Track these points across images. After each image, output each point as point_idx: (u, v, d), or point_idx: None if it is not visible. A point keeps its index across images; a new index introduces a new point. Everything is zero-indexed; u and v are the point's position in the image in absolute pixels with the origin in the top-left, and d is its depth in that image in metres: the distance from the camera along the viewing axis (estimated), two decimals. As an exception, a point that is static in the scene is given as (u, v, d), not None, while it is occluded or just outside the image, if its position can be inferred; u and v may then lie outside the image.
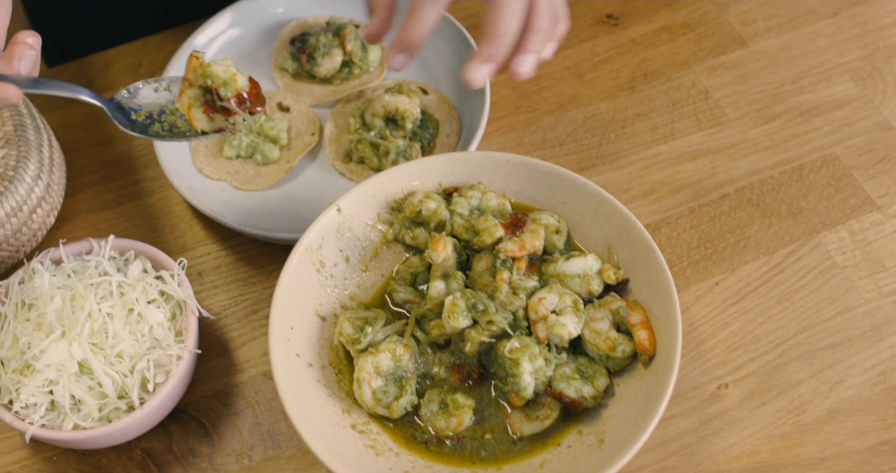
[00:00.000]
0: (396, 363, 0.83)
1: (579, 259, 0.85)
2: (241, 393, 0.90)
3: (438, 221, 0.89)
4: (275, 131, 1.00)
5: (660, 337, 0.81)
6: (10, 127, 0.98)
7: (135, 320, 0.85)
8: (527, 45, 0.84)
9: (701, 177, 0.99)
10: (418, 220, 0.90)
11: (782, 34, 1.10)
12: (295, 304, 0.85)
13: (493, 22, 0.82)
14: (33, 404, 0.82)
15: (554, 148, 1.02)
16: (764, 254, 0.94)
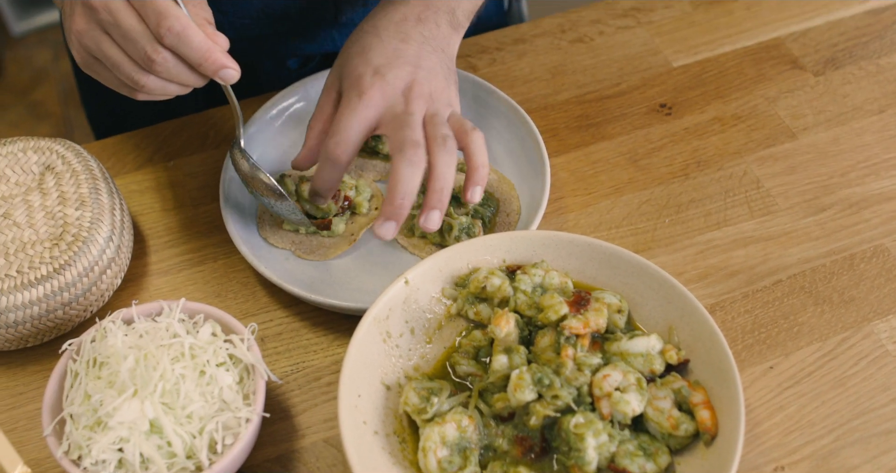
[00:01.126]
0: (461, 433, 0.84)
1: (642, 338, 0.88)
2: (302, 459, 0.91)
3: (502, 297, 0.92)
4: (359, 199, 1.04)
5: (721, 417, 0.83)
6: (85, 189, 1.01)
7: (205, 381, 0.86)
8: (429, 202, 0.92)
9: (754, 263, 1.02)
10: (482, 296, 0.92)
11: (830, 129, 1.14)
12: (362, 372, 0.87)
13: (392, 184, 0.90)
14: (102, 461, 0.83)
15: (610, 230, 1.05)
16: (817, 340, 0.96)
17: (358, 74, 0.95)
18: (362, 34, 1.00)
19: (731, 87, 1.19)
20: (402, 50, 0.97)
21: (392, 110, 0.94)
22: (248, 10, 1.14)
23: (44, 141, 1.05)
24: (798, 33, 1.26)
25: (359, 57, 0.97)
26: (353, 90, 0.95)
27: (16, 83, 2.99)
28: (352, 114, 0.93)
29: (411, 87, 0.95)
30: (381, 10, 1.01)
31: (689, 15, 1.29)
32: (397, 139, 0.91)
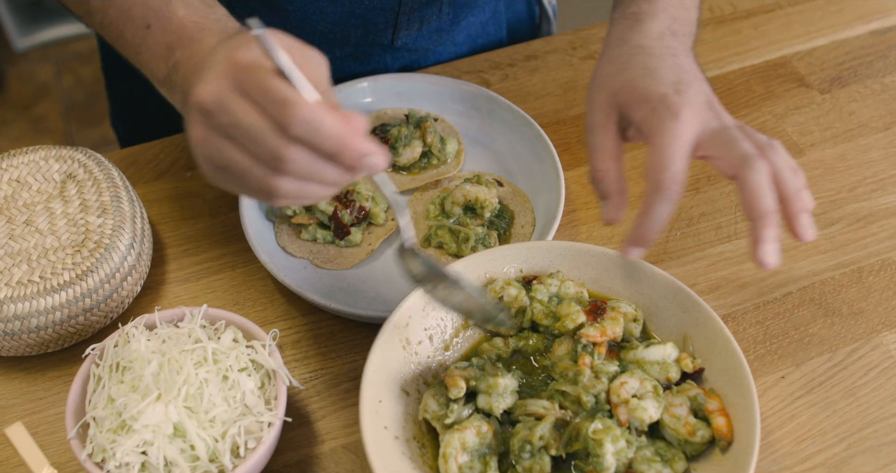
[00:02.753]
0: (481, 439, 0.86)
1: (658, 347, 0.89)
2: (322, 464, 0.92)
3: (519, 306, 0.93)
4: (376, 210, 1.06)
5: (736, 424, 0.85)
6: (107, 197, 1.02)
7: (228, 386, 0.88)
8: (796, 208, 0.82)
9: (764, 275, 1.04)
10: None
11: (837, 145, 1.16)
12: (383, 378, 0.88)
13: (756, 200, 0.81)
14: (126, 464, 0.84)
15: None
16: (827, 351, 0.98)
17: (660, 94, 0.85)
18: (630, 57, 0.91)
19: (739, 103, 1.22)
20: (680, 65, 0.89)
21: (709, 127, 0.85)
22: (311, 35, 1.15)
23: (65, 150, 1.06)
24: (804, 52, 1.28)
25: (643, 79, 0.88)
26: (662, 114, 0.84)
27: (18, 98, 3.01)
28: (675, 140, 0.83)
29: (711, 101, 0.87)
30: (633, 31, 0.93)
31: (697, 33, 1.31)
32: (737, 156, 0.82)
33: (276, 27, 1.12)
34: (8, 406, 0.96)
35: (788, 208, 0.82)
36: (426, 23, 1.18)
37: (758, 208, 0.80)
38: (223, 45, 0.75)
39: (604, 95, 0.90)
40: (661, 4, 0.94)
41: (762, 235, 0.80)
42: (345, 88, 1.17)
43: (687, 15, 0.96)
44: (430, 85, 1.19)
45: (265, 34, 0.70)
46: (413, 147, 1.12)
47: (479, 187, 1.05)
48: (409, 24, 1.16)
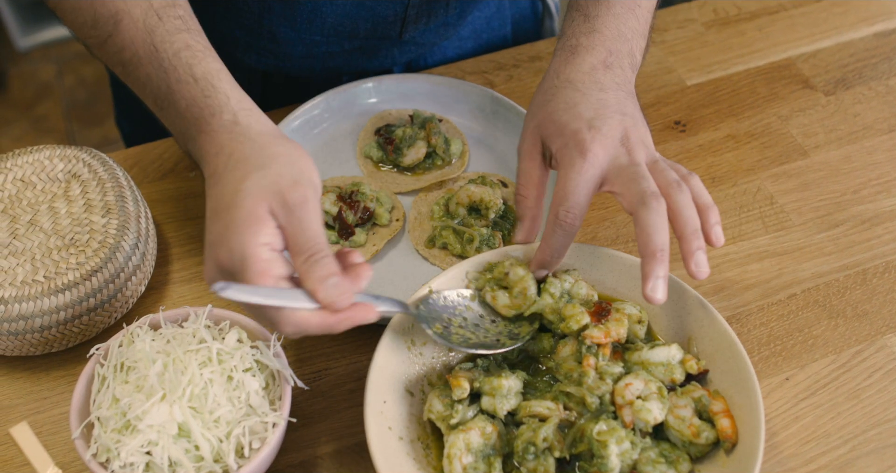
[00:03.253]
0: (485, 440, 0.86)
1: (663, 348, 0.89)
2: (326, 465, 0.92)
3: (521, 289, 0.92)
4: (380, 210, 1.06)
5: (741, 426, 0.85)
6: (111, 197, 1.02)
7: (233, 386, 0.87)
8: (690, 247, 0.86)
9: (769, 277, 1.04)
10: (503, 283, 0.94)
11: (842, 147, 1.16)
12: (387, 379, 0.88)
13: (646, 239, 0.84)
14: (131, 464, 0.84)
15: (627, 244, 1.07)
16: (832, 353, 0.98)
17: (572, 129, 0.89)
18: (556, 90, 0.94)
19: (744, 105, 1.22)
20: (604, 100, 0.92)
21: (616, 164, 0.88)
22: (321, 27, 1.16)
23: (70, 149, 1.06)
24: (808, 54, 1.28)
25: (564, 113, 0.91)
26: (572, 149, 0.88)
27: (20, 98, 3.01)
28: (578, 176, 0.87)
29: (627, 136, 0.89)
30: (565, 63, 0.96)
31: (702, 35, 1.31)
32: (635, 193, 0.85)
33: (287, 21, 1.11)
34: (12, 406, 0.96)
35: (683, 246, 0.86)
36: (434, 16, 1.18)
37: (648, 246, 0.84)
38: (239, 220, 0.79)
39: (532, 124, 0.95)
40: (598, 38, 0.97)
41: (650, 271, 0.83)
42: (350, 89, 1.17)
43: (627, 47, 0.98)
44: (434, 86, 1.19)
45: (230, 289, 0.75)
46: (417, 148, 1.12)
47: (484, 188, 1.05)
48: (417, 18, 1.16)
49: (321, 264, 0.77)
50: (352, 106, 1.18)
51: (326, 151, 1.15)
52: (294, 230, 0.78)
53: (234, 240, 0.78)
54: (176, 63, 0.86)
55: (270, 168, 0.79)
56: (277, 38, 1.18)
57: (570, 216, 0.87)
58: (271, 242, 0.78)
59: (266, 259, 0.77)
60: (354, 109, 1.18)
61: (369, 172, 1.13)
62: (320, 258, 0.78)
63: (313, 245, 0.78)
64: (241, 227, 0.78)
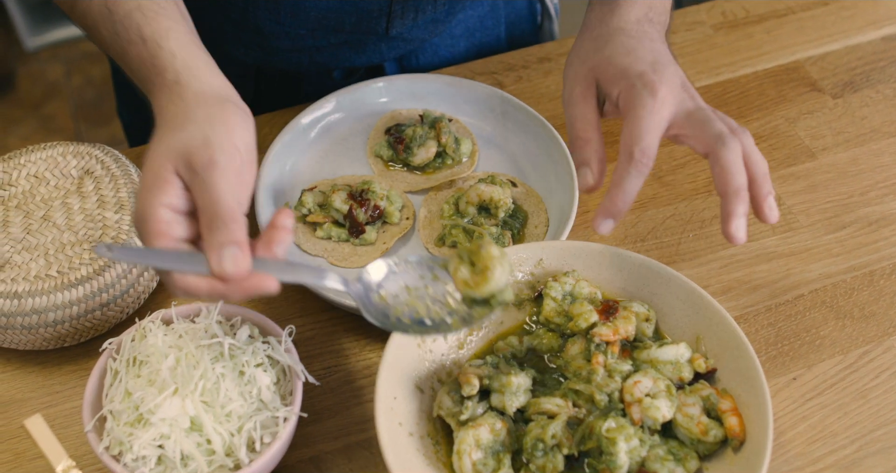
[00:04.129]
0: (495, 436, 0.86)
1: (672, 347, 0.90)
2: (336, 460, 0.93)
3: (485, 266, 0.85)
4: (391, 209, 1.06)
5: (748, 425, 0.85)
6: (124, 193, 1.03)
7: (245, 381, 0.88)
8: (763, 189, 0.86)
9: (776, 278, 1.04)
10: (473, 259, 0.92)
11: (849, 149, 1.17)
12: (398, 375, 0.89)
13: (729, 177, 0.83)
14: (143, 457, 0.85)
15: (636, 243, 1.08)
16: (839, 353, 0.98)
17: (637, 71, 0.88)
18: (610, 36, 0.94)
19: (752, 107, 1.22)
20: (657, 49, 0.92)
21: (683, 106, 0.88)
22: (305, 21, 1.17)
23: (83, 146, 1.07)
24: (816, 57, 1.29)
25: (623, 57, 0.90)
26: (640, 89, 0.86)
27: (28, 97, 3.02)
28: (651, 115, 0.85)
29: (685, 83, 0.90)
30: (613, 14, 0.96)
31: (710, 37, 1.32)
32: (711, 134, 0.85)
33: (270, 14, 1.11)
34: (25, 400, 0.97)
35: (756, 190, 0.85)
36: (421, 12, 1.19)
37: (731, 184, 0.83)
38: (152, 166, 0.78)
39: (583, 69, 0.93)
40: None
41: (734, 210, 0.83)
42: (360, 88, 1.18)
43: (663, 5, 0.99)
44: (444, 86, 1.19)
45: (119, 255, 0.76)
46: (428, 147, 1.12)
47: (494, 187, 1.06)
48: (403, 13, 1.17)
49: (221, 229, 0.75)
50: (362, 105, 1.18)
51: (337, 150, 1.16)
52: (198, 193, 0.76)
53: (139, 201, 0.77)
54: (127, 24, 0.86)
55: (185, 130, 0.78)
56: (263, 32, 1.18)
57: (646, 156, 0.85)
58: (173, 203, 0.76)
59: (165, 220, 0.76)
60: (365, 109, 1.18)
61: (379, 171, 1.14)
62: (221, 224, 0.75)
63: (217, 209, 0.75)
64: (145, 188, 0.76)
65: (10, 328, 0.96)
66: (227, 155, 0.77)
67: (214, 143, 0.77)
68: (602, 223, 0.86)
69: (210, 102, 0.81)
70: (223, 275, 0.74)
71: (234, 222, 0.75)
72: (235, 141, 0.78)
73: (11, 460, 0.93)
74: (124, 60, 0.88)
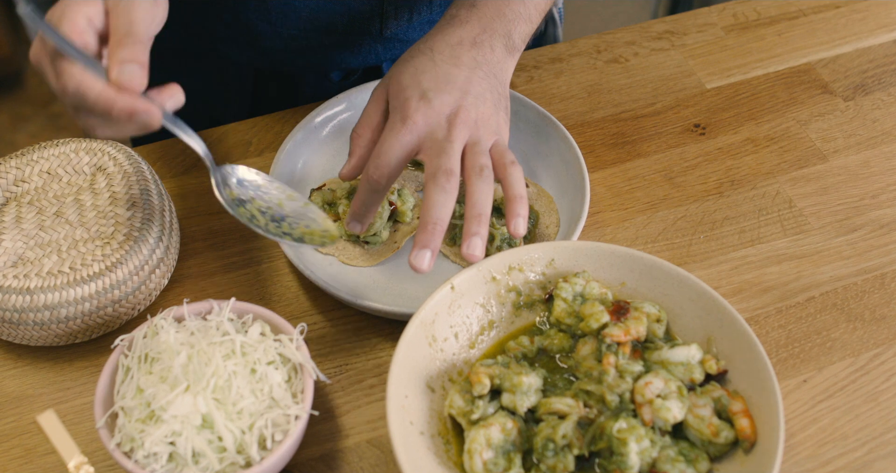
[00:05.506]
0: (506, 436, 0.86)
1: (683, 348, 0.90)
2: (346, 458, 0.93)
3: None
4: (403, 208, 1.06)
5: (759, 426, 0.85)
6: (136, 190, 1.03)
7: (256, 379, 0.88)
8: (468, 230, 0.90)
9: (787, 280, 1.04)
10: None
11: (861, 152, 1.17)
12: (409, 374, 0.89)
13: (424, 211, 0.90)
14: (154, 454, 0.85)
15: (646, 245, 1.08)
16: (849, 356, 0.98)
17: (405, 96, 0.95)
18: (416, 53, 0.99)
19: (763, 109, 1.22)
20: (452, 75, 0.96)
21: (433, 136, 0.93)
22: (296, 21, 1.17)
23: (95, 143, 1.08)
24: (828, 59, 1.29)
25: (409, 77, 0.97)
26: (397, 113, 0.95)
27: (36, 95, 3.02)
28: (394, 138, 0.93)
29: (456, 113, 0.94)
30: (439, 32, 1.00)
31: (721, 39, 1.32)
32: (432, 167, 0.91)
33: (261, 14, 1.11)
34: (36, 395, 0.97)
35: (465, 226, 0.90)
36: (416, 13, 1.19)
37: (423, 217, 0.90)
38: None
39: (386, 77, 1.00)
40: (476, 14, 1.00)
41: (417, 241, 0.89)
42: (371, 87, 1.18)
43: (504, 28, 1.01)
44: (456, 85, 1.19)
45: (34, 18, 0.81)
46: (439, 147, 1.12)
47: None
48: (396, 14, 1.17)
49: (129, 47, 0.80)
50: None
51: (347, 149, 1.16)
52: (116, 14, 0.81)
53: (62, 5, 0.82)
54: None
55: None
56: (254, 33, 1.18)
57: (377, 173, 0.93)
58: (92, 16, 0.82)
59: (81, 26, 0.81)
60: (377, 108, 1.19)
61: (391, 170, 1.14)
62: (131, 42, 0.80)
63: (130, 29, 0.81)
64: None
65: (22, 323, 0.96)
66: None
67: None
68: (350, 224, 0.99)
69: None
70: (120, 84, 0.79)
71: (141, 44, 0.81)
72: None
73: (23, 455, 0.93)
74: None
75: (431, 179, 0.90)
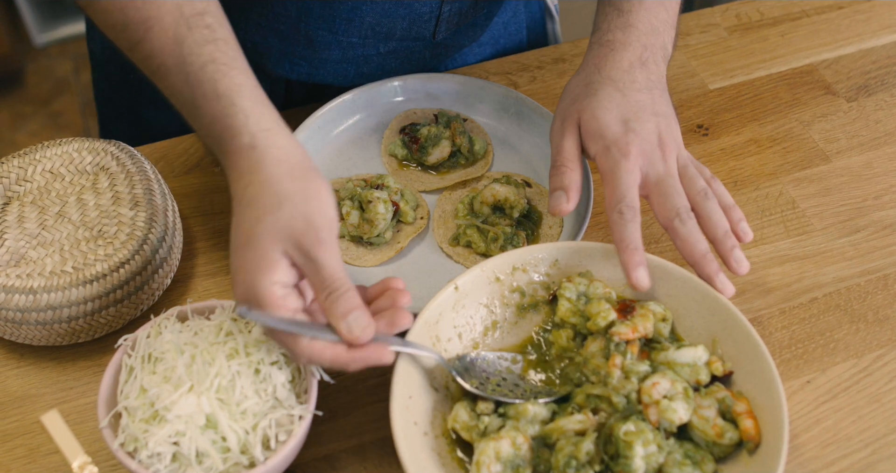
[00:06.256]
0: (516, 450, 0.86)
1: (690, 349, 0.90)
2: (350, 459, 0.93)
3: (374, 215, 1.04)
4: (405, 208, 1.06)
5: (763, 427, 0.85)
6: (139, 190, 1.03)
7: (260, 379, 0.88)
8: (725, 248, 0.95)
9: (790, 281, 1.05)
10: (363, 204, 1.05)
11: (864, 153, 1.17)
12: (413, 374, 0.89)
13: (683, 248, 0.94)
14: (158, 454, 0.85)
15: (650, 245, 1.08)
16: (853, 357, 0.98)
17: (614, 133, 0.96)
18: (599, 86, 0.99)
19: (766, 110, 1.22)
20: (641, 101, 0.98)
21: (654, 169, 0.95)
22: (359, 27, 1.15)
23: (98, 142, 1.07)
24: (830, 60, 1.29)
25: (607, 112, 0.97)
26: (615, 152, 0.95)
27: (37, 93, 3.02)
28: (627, 174, 0.94)
29: (661, 138, 0.97)
30: (606, 60, 1.01)
31: (724, 40, 1.32)
32: (670, 209, 0.94)
33: (325, 22, 1.10)
34: (39, 395, 0.97)
35: (719, 248, 0.95)
36: (465, 16, 1.19)
37: (694, 254, 0.93)
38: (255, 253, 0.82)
39: (571, 109, 0.99)
40: (634, 34, 1.01)
41: (710, 272, 0.93)
42: (375, 87, 1.18)
43: (660, 41, 1.02)
44: (459, 86, 1.19)
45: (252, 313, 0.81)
46: (442, 147, 1.12)
47: (509, 188, 1.06)
48: (450, 16, 1.17)
49: (341, 300, 0.81)
50: (378, 104, 1.19)
51: (352, 149, 1.16)
52: (311, 271, 0.82)
53: (249, 279, 0.82)
54: (202, 77, 0.86)
55: (283, 210, 0.81)
56: (314, 43, 1.17)
57: (631, 210, 0.93)
58: (284, 280, 0.82)
59: (280, 296, 0.81)
60: (380, 107, 1.19)
61: (393, 170, 1.14)
62: (341, 294, 0.81)
63: (332, 282, 0.81)
64: (255, 268, 0.81)
65: (24, 323, 0.96)
66: (328, 231, 0.82)
67: (317, 222, 0.81)
68: (638, 277, 0.92)
69: (296, 175, 0.84)
70: (353, 340, 0.81)
71: (350, 291, 0.82)
72: (330, 213, 0.83)
73: (26, 455, 0.93)
74: (196, 114, 0.88)
75: (679, 221, 0.94)
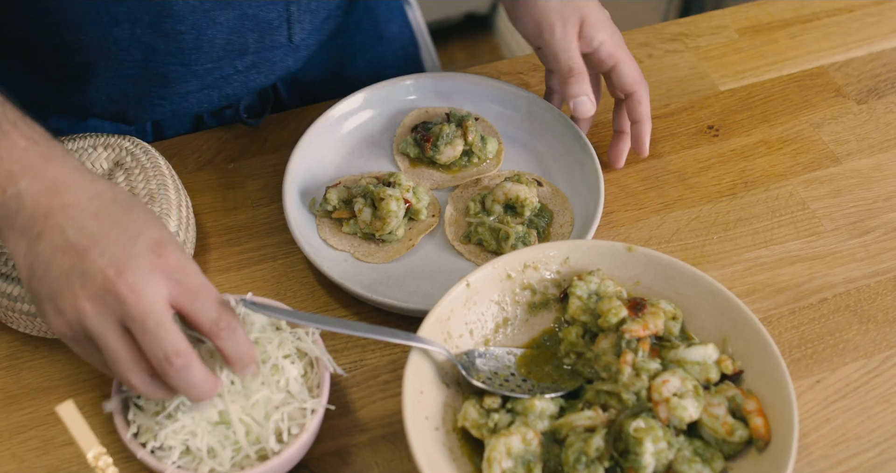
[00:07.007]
0: (526, 446, 0.86)
1: (700, 347, 0.90)
2: (361, 453, 0.93)
3: (386, 213, 1.04)
4: (418, 206, 1.07)
5: (773, 425, 0.85)
6: (153, 185, 1.04)
7: (272, 372, 0.89)
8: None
9: (800, 281, 1.05)
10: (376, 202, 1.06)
11: (874, 155, 1.17)
12: (425, 369, 0.90)
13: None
14: (170, 446, 0.86)
15: (660, 245, 1.08)
16: (862, 357, 0.99)
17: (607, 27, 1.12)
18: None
19: (776, 111, 1.23)
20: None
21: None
22: (210, 51, 1.11)
23: (113, 138, 1.08)
24: (841, 63, 1.29)
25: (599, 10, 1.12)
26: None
27: (45, 91, 3.02)
28: (631, 64, 1.12)
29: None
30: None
31: (735, 41, 1.32)
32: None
33: (173, 57, 1.09)
34: (52, 387, 0.98)
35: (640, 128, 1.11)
36: (316, 12, 1.17)
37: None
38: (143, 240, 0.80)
39: (569, 9, 1.09)
40: None
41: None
42: (388, 86, 1.18)
43: None
44: (470, 85, 1.20)
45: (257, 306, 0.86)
46: (454, 145, 1.13)
47: (520, 186, 1.06)
48: (300, 16, 1.14)
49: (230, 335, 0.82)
50: (390, 103, 1.19)
51: (364, 147, 1.17)
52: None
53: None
54: None
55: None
56: (168, 79, 1.13)
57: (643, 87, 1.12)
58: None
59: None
60: (392, 106, 1.19)
61: (405, 168, 1.15)
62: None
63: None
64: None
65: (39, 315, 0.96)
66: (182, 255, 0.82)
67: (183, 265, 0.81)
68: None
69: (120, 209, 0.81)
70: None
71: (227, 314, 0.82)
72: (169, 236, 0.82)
73: (40, 446, 0.93)
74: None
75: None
